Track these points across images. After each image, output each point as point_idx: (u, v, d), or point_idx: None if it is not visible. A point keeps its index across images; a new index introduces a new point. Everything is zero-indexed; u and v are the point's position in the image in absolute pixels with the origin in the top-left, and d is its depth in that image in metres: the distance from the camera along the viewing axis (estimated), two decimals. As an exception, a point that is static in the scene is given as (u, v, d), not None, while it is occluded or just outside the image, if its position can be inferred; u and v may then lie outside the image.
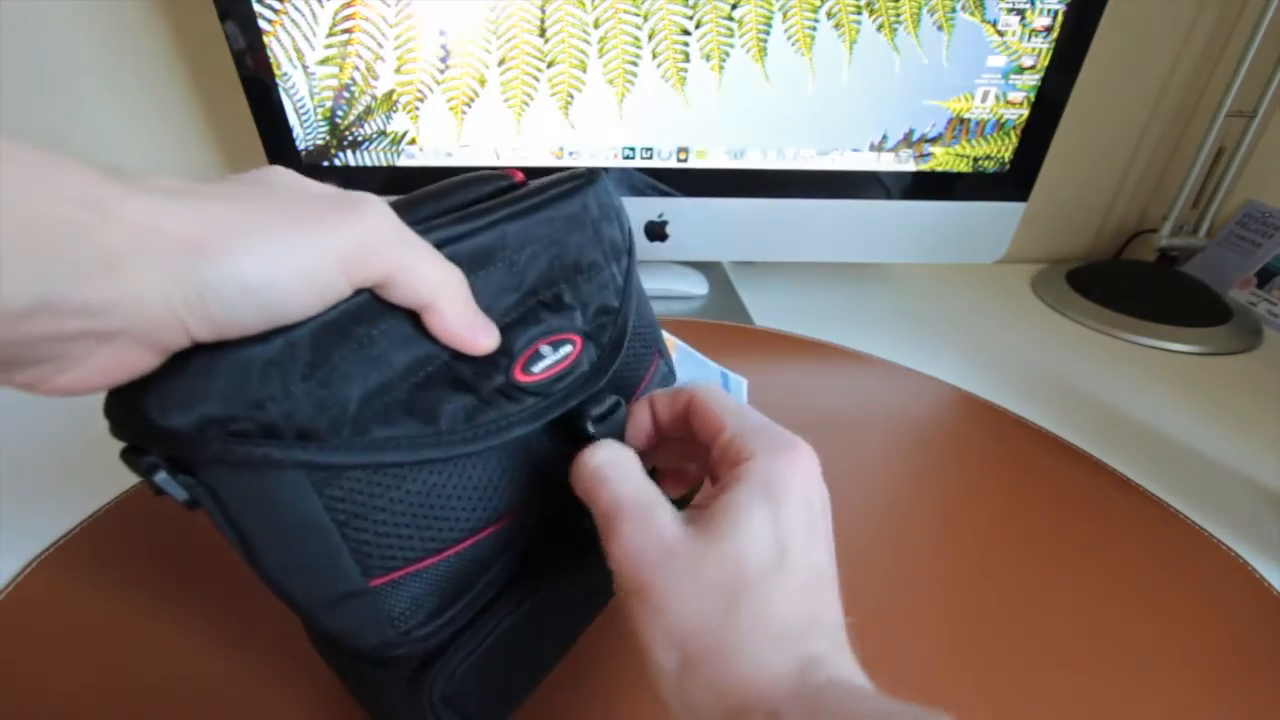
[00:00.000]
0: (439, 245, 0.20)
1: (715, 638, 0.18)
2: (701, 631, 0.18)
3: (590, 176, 0.26)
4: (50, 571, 0.33)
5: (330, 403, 0.18)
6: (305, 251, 0.17)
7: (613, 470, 0.21)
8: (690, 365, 0.45)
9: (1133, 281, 0.65)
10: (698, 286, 0.63)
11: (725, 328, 0.57)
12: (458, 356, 0.21)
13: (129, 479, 0.38)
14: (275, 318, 0.17)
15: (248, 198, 0.17)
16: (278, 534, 0.18)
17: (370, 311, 0.19)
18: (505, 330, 0.22)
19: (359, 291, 0.18)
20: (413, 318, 0.20)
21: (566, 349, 0.23)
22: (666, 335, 0.44)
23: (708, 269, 0.66)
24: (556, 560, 0.24)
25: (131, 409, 0.16)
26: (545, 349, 0.23)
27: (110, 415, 0.17)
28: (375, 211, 0.18)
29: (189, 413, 0.16)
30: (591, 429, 0.23)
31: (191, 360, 0.16)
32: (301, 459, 0.17)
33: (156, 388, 0.16)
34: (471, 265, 0.21)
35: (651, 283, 0.62)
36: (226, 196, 0.16)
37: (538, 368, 0.22)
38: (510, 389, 0.21)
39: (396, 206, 0.20)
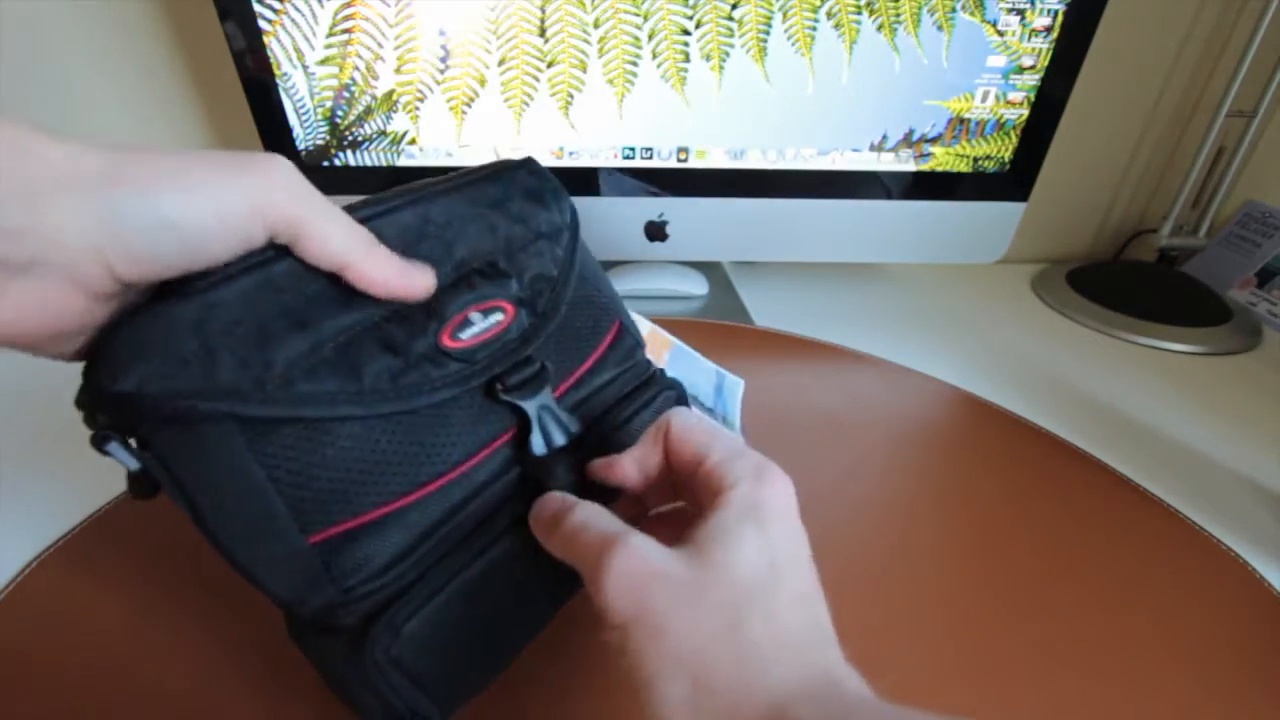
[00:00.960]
0: (361, 223, 0.21)
1: (724, 653, 0.17)
2: (708, 649, 0.17)
3: (518, 161, 0.28)
4: (51, 570, 0.33)
5: (254, 361, 0.19)
6: (219, 190, 0.18)
7: (588, 519, 0.21)
8: (686, 364, 0.45)
9: (1133, 281, 0.65)
10: (698, 286, 0.63)
11: (725, 328, 0.57)
12: (389, 319, 0.21)
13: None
14: (195, 256, 0.18)
15: (164, 150, 0.18)
16: (220, 496, 0.19)
17: (295, 276, 0.20)
18: (437, 296, 0.23)
19: (279, 252, 0.20)
20: (341, 283, 0.21)
21: (497, 316, 0.24)
22: (662, 333, 0.44)
23: (708, 269, 0.66)
24: (514, 520, 0.24)
25: (89, 385, 0.18)
26: (475, 316, 0.23)
27: (80, 404, 0.18)
28: (285, 165, 0.19)
29: (130, 374, 0.17)
30: (506, 396, 0.24)
31: (126, 322, 0.18)
32: (224, 410, 0.18)
33: (102, 356, 0.18)
34: (396, 241, 0.22)
35: (651, 283, 0.62)
36: (144, 148, 0.18)
37: (465, 334, 0.23)
38: (435, 354, 0.22)
39: (350, 209, 0.22)
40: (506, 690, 0.27)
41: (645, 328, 0.42)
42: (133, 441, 0.19)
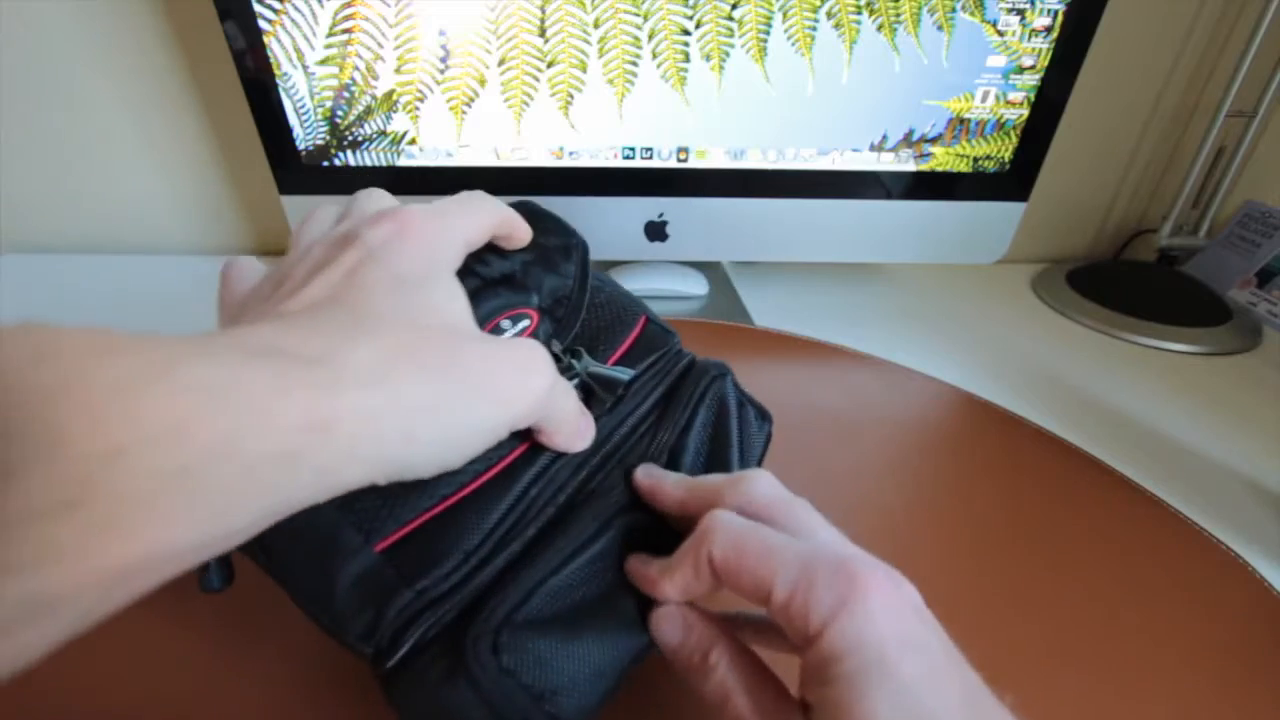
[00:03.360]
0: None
1: None
2: None
3: (516, 202, 0.29)
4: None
5: None
6: (489, 425, 0.19)
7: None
8: None
9: (1133, 281, 0.65)
10: (698, 286, 0.63)
11: (725, 328, 0.57)
12: None
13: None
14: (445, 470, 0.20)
15: (437, 368, 0.18)
16: (289, 527, 0.19)
17: None
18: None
19: None
20: None
21: (524, 323, 0.26)
22: None
23: (708, 269, 0.66)
24: (617, 508, 0.23)
25: None
26: (505, 323, 0.25)
27: None
28: (543, 374, 0.21)
29: None
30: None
31: None
32: None
33: None
34: None
35: (651, 283, 0.62)
36: (420, 371, 0.17)
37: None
38: None
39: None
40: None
41: None
42: None
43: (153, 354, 0.13)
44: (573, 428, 0.23)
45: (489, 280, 0.25)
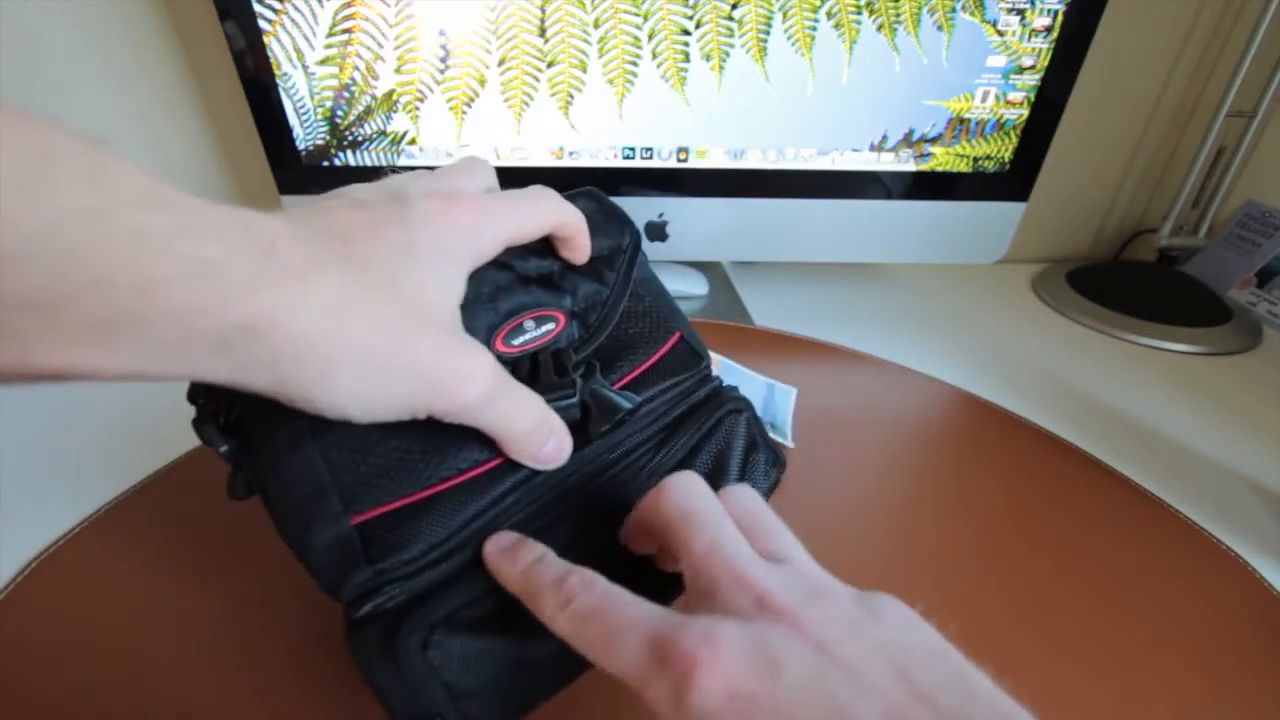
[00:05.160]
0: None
1: None
2: None
3: (578, 191, 0.28)
4: (54, 568, 0.33)
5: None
6: (405, 405, 0.20)
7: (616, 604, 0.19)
8: (733, 378, 0.44)
9: (1133, 281, 0.65)
10: (698, 286, 0.63)
11: (725, 328, 0.57)
12: None
13: (146, 468, 0.38)
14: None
15: (382, 336, 0.19)
16: (284, 476, 0.21)
17: None
18: (494, 295, 0.24)
19: None
20: None
21: (549, 326, 0.25)
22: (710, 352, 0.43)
23: (708, 269, 0.66)
24: (577, 526, 0.24)
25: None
26: (529, 323, 0.25)
27: (190, 396, 0.22)
28: (473, 390, 0.21)
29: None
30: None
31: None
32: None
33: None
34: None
35: (651, 283, 0.62)
36: (368, 330, 0.18)
37: (517, 340, 0.24)
38: None
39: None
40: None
41: None
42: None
43: (173, 215, 0.16)
44: (531, 448, 0.23)
45: (524, 277, 0.25)
